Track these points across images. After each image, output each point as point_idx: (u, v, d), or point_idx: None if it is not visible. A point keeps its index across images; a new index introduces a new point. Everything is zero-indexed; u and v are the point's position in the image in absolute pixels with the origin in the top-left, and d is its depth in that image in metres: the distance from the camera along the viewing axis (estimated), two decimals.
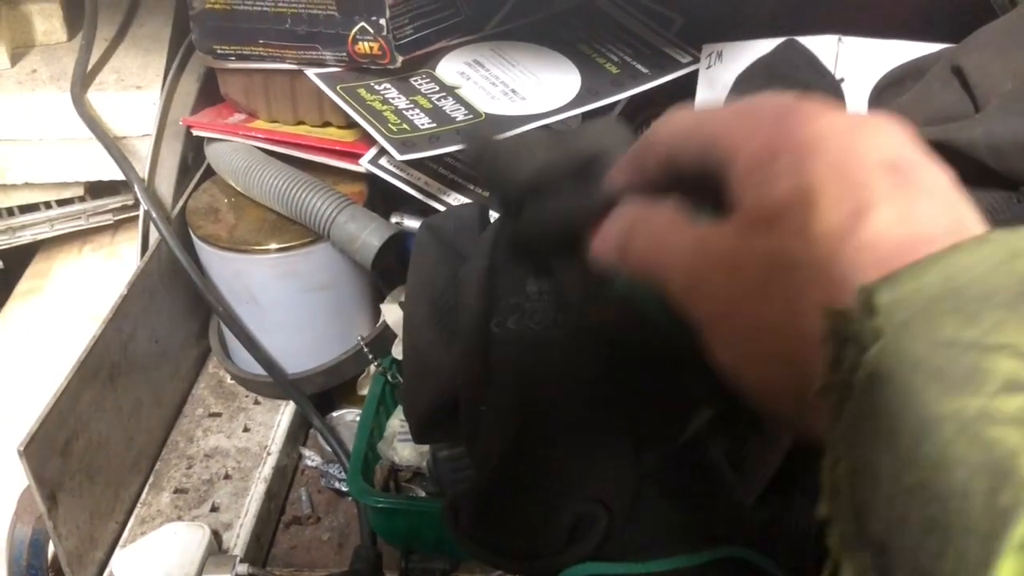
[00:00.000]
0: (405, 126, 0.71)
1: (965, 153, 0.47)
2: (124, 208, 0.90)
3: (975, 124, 0.49)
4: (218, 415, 0.81)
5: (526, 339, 0.49)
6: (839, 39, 0.67)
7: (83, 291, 0.88)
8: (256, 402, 0.82)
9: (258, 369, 0.79)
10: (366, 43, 0.72)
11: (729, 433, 0.46)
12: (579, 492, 0.41)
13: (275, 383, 0.78)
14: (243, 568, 0.65)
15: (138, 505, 0.72)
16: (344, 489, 0.77)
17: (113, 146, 0.77)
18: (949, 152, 0.48)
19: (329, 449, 0.77)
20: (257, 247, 0.73)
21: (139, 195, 0.75)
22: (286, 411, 0.81)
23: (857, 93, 0.65)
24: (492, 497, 0.43)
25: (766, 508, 0.44)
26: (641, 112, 0.86)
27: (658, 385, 0.45)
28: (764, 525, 0.42)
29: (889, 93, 0.60)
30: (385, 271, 0.81)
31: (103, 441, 0.66)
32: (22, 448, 0.56)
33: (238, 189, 0.78)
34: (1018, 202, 0.46)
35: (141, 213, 0.76)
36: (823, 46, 0.67)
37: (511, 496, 0.43)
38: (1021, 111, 0.49)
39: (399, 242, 0.74)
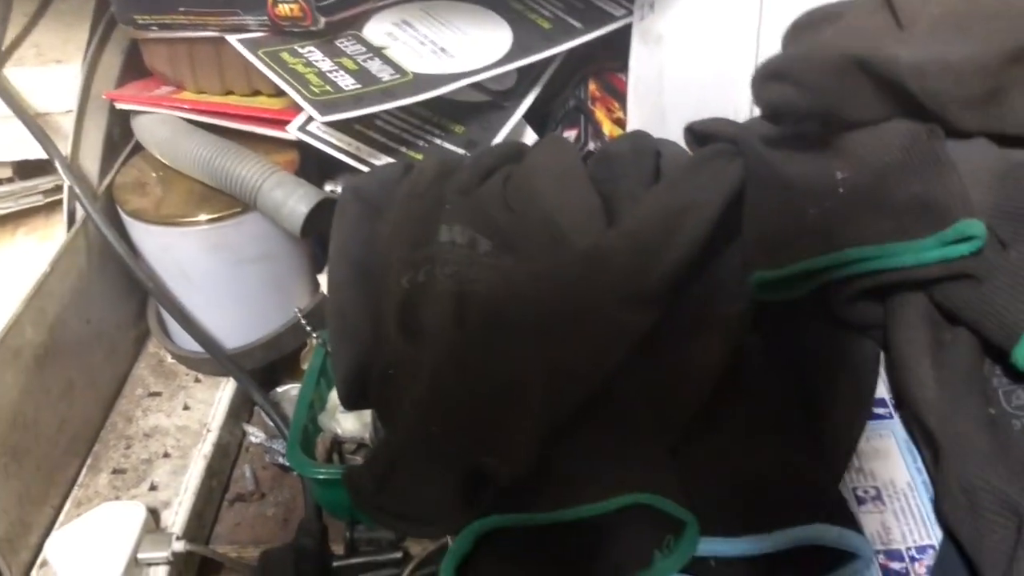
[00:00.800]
0: (328, 88, 0.69)
1: (886, 75, 0.46)
2: (56, 189, 0.87)
3: (899, 43, 0.47)
4: (158, 394, 0.79)
5: (437, 291, 0.47)
6: None
7: (17, 275, 0.86)
8: (197, 380, 0.80)
9: (196, 346, 0.77)
10: (286, 5, 0.71)
11: None
12: (478, 449, 0.40)
13: (213, 359, 0.76)
14: (180, 545, 0.63)
15: (75, 487, 0.70)
16: (288, 464, 0.75)
17: (33, 123, 0.75)
18: (872, 75, 0.46)
19: (272, 425, 0.76)
20: (185, 219, 0.71)
21: (61, 172, 0.73)
22: (227, 388, 0.79)
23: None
24: (395, 463, 0.42)
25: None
26: (579, 69, 0.84)
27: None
28: (675, 468, 0.41)
29: (806, 33, 0.59)
30: (322, 239, 0.80)
31: (29, 424, 0.65)
32: None
33: (165, 162, 0.76)
34: (927, 139, 0.44)
35: (65, 190, 0.74)
36: None
37: (413, 461, 0.42)
38: (946, 35, 0.48)
39: (330, 209, 0.72)
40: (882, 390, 0.49)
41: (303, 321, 0.77)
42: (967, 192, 0.42)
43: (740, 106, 0.67)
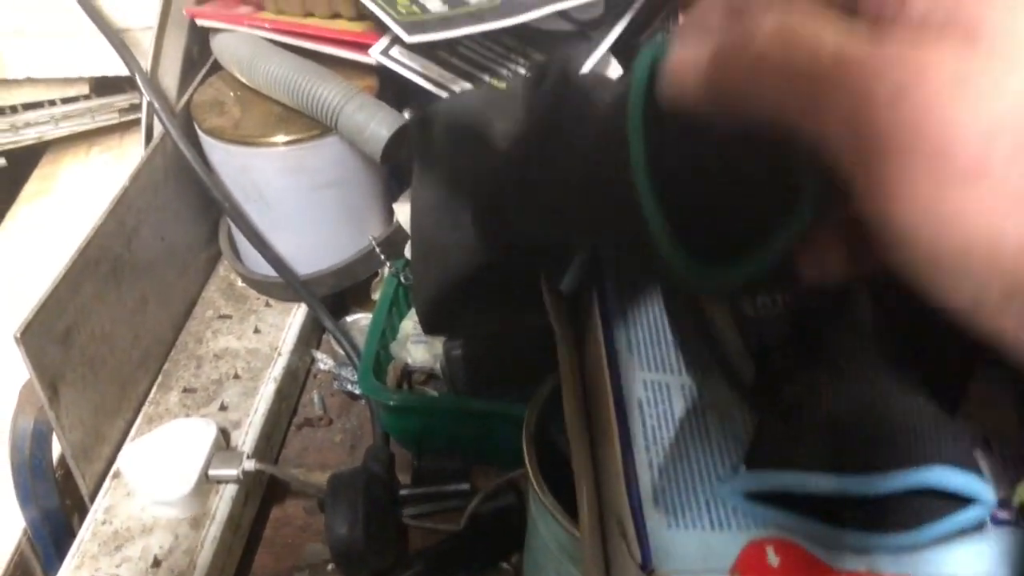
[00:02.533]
0: (415, 8, 0.67)
1: None
2: (131, 108, 0.87)
3: None
4: (228, 317, 0.79)
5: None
6: None
7: (91, 193, 0.86)
8: (267, 304, 0.80)
9: (268, 270, 0.77)
10: None
11: None
12: None
13: (285, 284, 0.76)
14: (250, 464, 0.63)
15: (146, 404, 0.71)
16: (357, 392, 0.75)
17: (116, 37, 0.74)
18: None
19: (342, 352, 0.75)
20: (263, 140, 0.70)
21: (142, 87, 0.72)
22: (298, 313, 0.79)
23: None
24: None
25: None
26: (668, 2, 0.81)
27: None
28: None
29: None
30: (397, 168, 0.78)
31: (106, 335, 0.65)
32: (19, 334, 0.54)
33: (244, 81, 0.75)
34: None
35: (144, 105, 0.74)
36: None
37: None
38: None
39: (410, 135, 0.70)
40: None
41: (377, 249, 0.76)
42: None
43: None
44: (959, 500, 0.37)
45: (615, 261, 0.50)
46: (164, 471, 0.62)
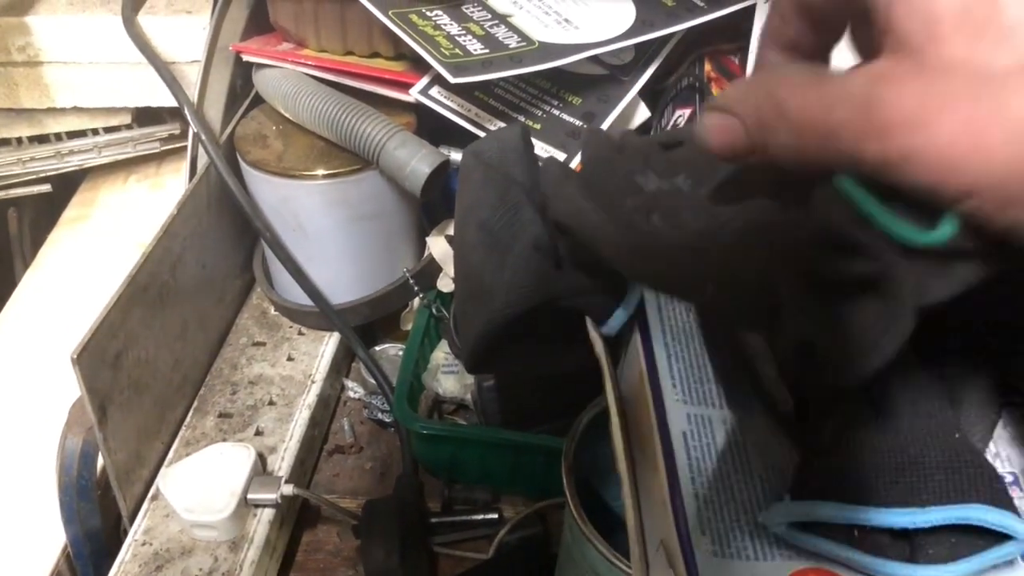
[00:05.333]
0: (458, 51, 0.69)
1: None
2: (171, 138, 0.89)
3: None
4: (262, 344, 0.81)
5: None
6: None
7: (128, 220, 0.88)
8: (300, 333, 0.82)
9: (302, 299, 0.79)
10: None
11: None
12: None
13: (320, 313, 0.78)
14: (288, 488, 0.65)
15: (183, 428, 0.72)
16: (387, 420, 0.77)
17: (164, 68, 0.76)
18: None
19: (372, 381, 0.77)
20: (305, 172, 0.72)
21: (189, 118, 0.74)
22: (330, 342, 0.81)
23: None
24: None
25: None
26: (694, 49, 0.84)
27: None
28: None
29: None
30: (429, 204, 0.81)
31: (151, 359, 0.66)
32: (75, 356, 0.56)
33: (286, 115, 0.77)
34: None
35: (190, 136, 0.76)
36: None
37: None
38: None
39: (447, 171, 0.73)
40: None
41: (411, 281, 0.78)
42: None
43: None
44: (995, 536, 0.39)
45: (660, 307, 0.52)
46: (205, 494, 0.63)
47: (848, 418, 0.42)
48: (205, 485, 0.64)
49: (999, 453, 0.46)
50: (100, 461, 0.63)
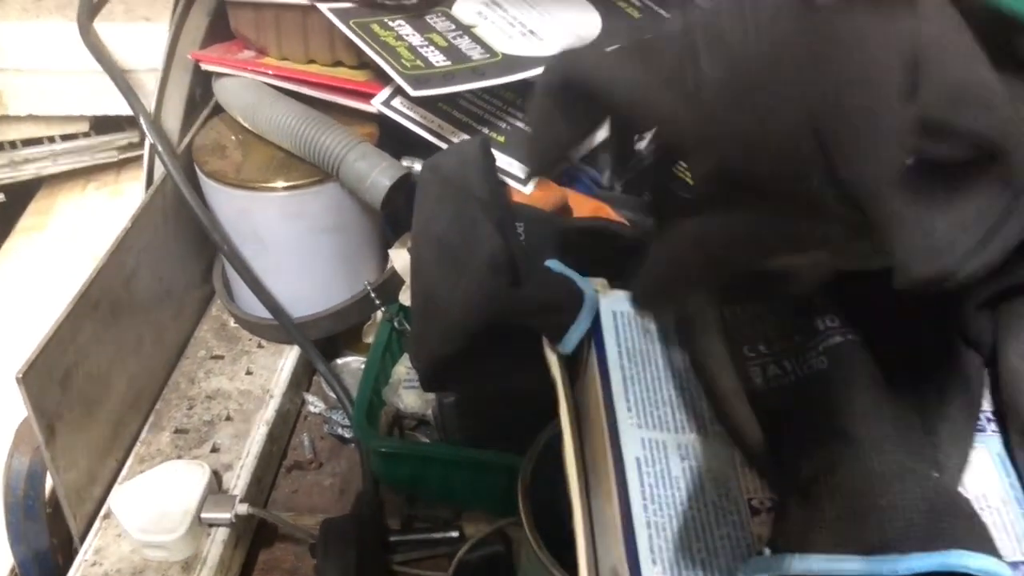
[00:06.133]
0: (419, 62, 0.69)
1: None
2: (130, 146, 0.88)
3: None
4: (220, 357, 0.79)
5: None
6: None
7: (86, 229, 0.87)
8: (259, 345, 0.80)
9: (262, 312, 0.77)
10: None
11: None
12: None
13: (280, 326, 0.76)
14: (243, 508, 0.64)
15: (137, 443, 0.71)
16: (347, 436, 0.75)
17: (120, 78, 0.75)
18: None
19: (333, 395, 0.76)
20: (264, 184, 0.71)
21: (145, 128, 0.73)
22: (290, 355, 0.79)
23: None
24: None
25: None
26: None
27: None
28: None
29: None
30: (392, 216, 0.79)
31: (102, 376, 0.65)
32: (20, 375, 0.55)
33: (246, 126, 0.76)
34: None
35: (147, 147, 0.74)
36: None
37: None
38: None
39: (409, 184, 0.72)
40: None
41: (372, 295, 0.77)
42: None
43: None
44: None
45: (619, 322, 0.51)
46: (157, 513, 0.62)
47: (825, 458, 0.41)
48: (158, 504, 0.63)
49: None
50: (49, 480, 0.62)
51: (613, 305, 0.53)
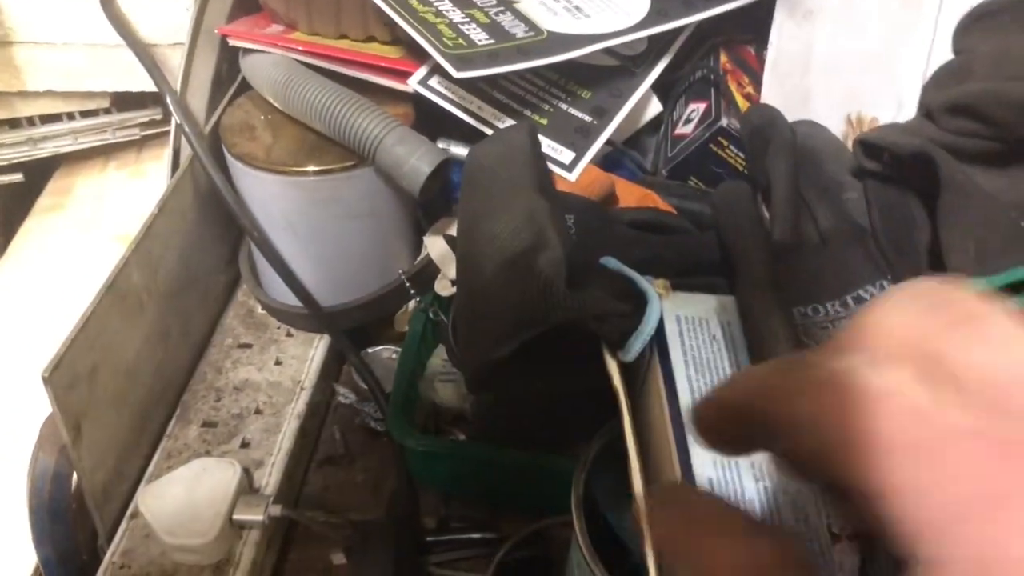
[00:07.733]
0: (461, 41, 0.65)
1: None
2: (152, 123, 0.84)
3: None
4: (248, 346, 0.76)
5: None
6: None
7: (106, 210, 0.83)
8: (288, 334, 0.77)
9: (291, 300, 0.74)
10: None
11: None
12: None
13: (310, 315, 0.73)
14: (276, 509, 0.61)
15: (165, 438, 0.68)
16: (379, 429, 0.73)
17: (144, 53, 0.71)
18: None
19: (364, 387, 0.73)
20: (296, 168, 0.68)
21: (171, 107, 0.69)
22: (320, 345, 0.76)
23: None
24: None
25: None
26: (708, 39, 0.80)
27: None
28: None
29: (982, 25, 0.54)
30: (427, 202, 0.76)
31: (129, 370, 0.62)
32: (47, 375, 0.52)
33: (276, 105, 0.72)
34: None
35: (172, 127, 0.71)
36: None
37: None
38: None
39: (447, 170, 0.69)
40: None
41: (407, 284, 0.73)
42: None
43: (903, 95, 0.62)
44: None
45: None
46: (187, 515, 0.59)
47: None
48: (188, 505, 0.60)
49: None
50: (75, 477, 0.59)
51: (677, 309, 0.50)
